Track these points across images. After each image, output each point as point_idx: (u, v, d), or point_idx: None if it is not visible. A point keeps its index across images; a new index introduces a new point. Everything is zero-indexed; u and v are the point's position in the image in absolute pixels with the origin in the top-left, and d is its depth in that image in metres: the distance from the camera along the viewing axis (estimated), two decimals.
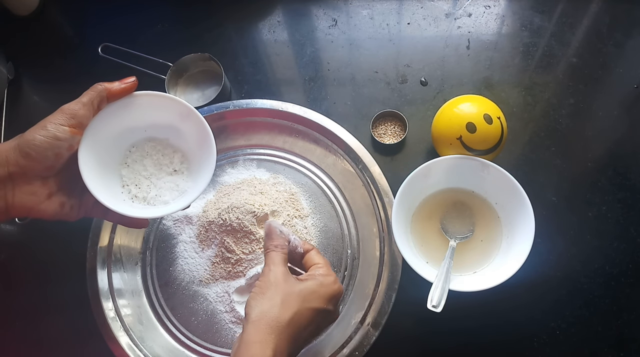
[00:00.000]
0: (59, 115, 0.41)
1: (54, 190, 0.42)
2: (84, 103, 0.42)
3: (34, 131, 0.39)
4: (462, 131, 0.57)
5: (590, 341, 0.59)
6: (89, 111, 0.42)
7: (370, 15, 0.78)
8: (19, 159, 0.39)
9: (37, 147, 0.39)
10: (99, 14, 0.83)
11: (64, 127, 0.40)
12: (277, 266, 0.47)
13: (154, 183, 0.49)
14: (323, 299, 0.47)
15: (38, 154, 0.39)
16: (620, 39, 0.73)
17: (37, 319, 0.65)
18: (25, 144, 0.39)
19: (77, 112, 0.41)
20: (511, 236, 0.58)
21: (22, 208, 0.40)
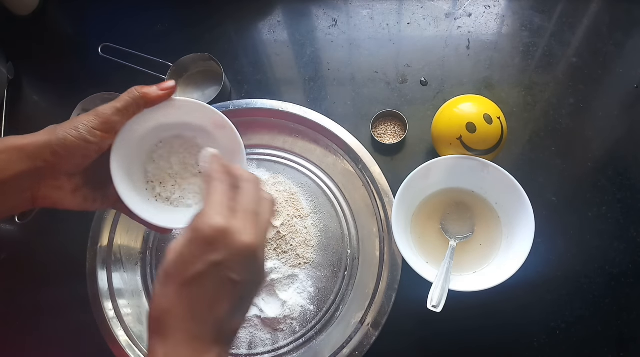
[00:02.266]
0: (93, 118, 0.40)
1: (79, 185, 0.42)
2: (119, 109, 0.41)
3: (66, 129, 0.39)
4: (462, 131, 0.57)
5: (590, 341, 0.59)
6: (122, 118, 0.41)
7: (370, 15, 0.78)
8: (48, 155, 0.39)
9: (66, 148, 0.39)
10: (99, 14, 0.83)
11: (96, 131, 0.40)
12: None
13: (179, 183, 0.48)
14: (194, 259, 0.34)
15: (67, 154, 0.39)
16: (620, 38, 0.73)
17: (37, 319, 0.65)
18: (56, 142, 0.38)
19: (111, 118, 0.40)
20: (511, 236, 0.58)
21: (47, 200, 0.41)
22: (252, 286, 0.37)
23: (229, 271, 0.34)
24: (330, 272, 0.63)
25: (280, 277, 0.61)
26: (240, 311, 0.37)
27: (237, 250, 0.34)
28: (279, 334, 0.61)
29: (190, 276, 0.34)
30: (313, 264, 0.63)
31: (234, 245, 0.34)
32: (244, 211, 0.36)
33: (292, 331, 0.61)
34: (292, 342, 0.61)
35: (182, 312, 0.34)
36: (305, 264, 0.63)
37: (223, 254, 0.34)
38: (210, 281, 0.34)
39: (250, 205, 0.36)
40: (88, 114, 0.40)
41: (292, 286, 0.62)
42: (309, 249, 0.64)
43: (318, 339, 0.61)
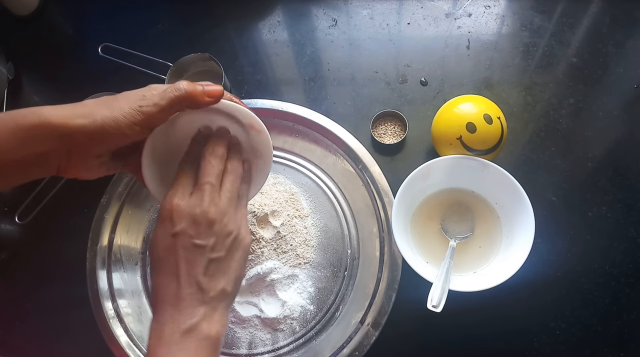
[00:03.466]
0: (136, 113, 0.38)
1: (105, 160, 0.42)
2: (163, 108, 0.39)
3: (105, 118, 0.37)
4: (462, 131, 0.57)
5: (590, 341, 0.59)
6: (164, 116, 0.40)
7: (370, 15, 0.78)
8: (82, 139, 0.38)
9: (103, 137, 0.38)
10: (99, 14, 0.83)
11: (136, 127, 0.39)
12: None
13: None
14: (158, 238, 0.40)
15: (102, 141, 0.39)
16: (620, 39, 0.73)
17: (37, 319, 0.65)
18: (93, 129, 0.37)
19: (154, 116, 0.39)
20: (511, 236, 0.58)
21: (71, 174, 0.41)
22: (224, 248, 0.41)
23: (190, 238, 0.39)
24: (330, 272, 0.63)
25: (280, 277, 0.61)
26: (220, 272, 0.41)
27: (192, 218, 0.39)
28: (279, 334, 0.61)
29: (161, 251, 0.40)
30: (313, 264, 0.63)
31: (189, 215, 0.39)
32: (199, 186, 0.41)
33: (292, 331, 0.61)
34: (292, 342, 0.61)
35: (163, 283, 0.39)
36: (305, 264, 0.63)
37: (180, 225, 0.39)
38: (177, 250, 0.39)
39: (204, 178, 0.41)
40: (131, 104, 0.39)
41: (292, 286, 0.62)
42: (309, 249, 0.64)
43: (318, 339, 0.61)
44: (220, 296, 0.40)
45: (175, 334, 0.37)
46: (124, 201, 0.65)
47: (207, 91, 0.41)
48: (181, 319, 0.38)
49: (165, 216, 0.40)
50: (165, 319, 0.38)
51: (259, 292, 0.62)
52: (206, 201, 0.40)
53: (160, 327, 0.38)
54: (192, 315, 0.38)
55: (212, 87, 0.42)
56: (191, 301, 0.39)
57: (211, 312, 0.39)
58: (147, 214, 0.68)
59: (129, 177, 0.65)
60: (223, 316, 0.41)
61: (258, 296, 0.61)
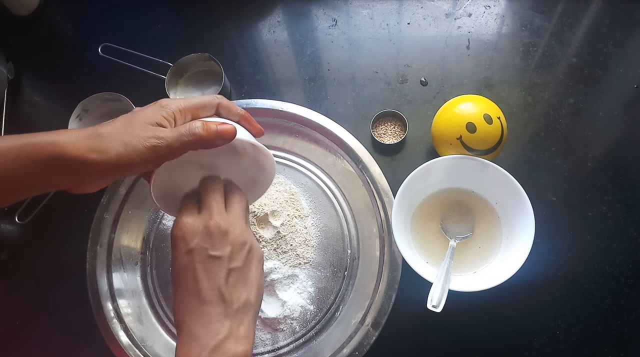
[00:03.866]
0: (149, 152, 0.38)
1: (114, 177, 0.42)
2: (176, 149, 0.39)
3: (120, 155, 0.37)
4: (462, 131, 0.57)
5: (590, 341, 0.59)
6: (176, 156, 0.40)
7: (370, 15, 0.78)
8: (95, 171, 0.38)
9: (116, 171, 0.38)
10: (99, 14, 0.83)
11: (148, 165, 0.39)
12: None
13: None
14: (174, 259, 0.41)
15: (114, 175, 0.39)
16: (620, 39, 0.73)
17: (37, 319, 0.65)
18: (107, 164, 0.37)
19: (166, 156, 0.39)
20: (511, 236, 0.58)
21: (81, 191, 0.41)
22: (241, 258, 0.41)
23: (206, 251, 0.40)
24: (330, 272, 0.63)
25: (280, 277, 0.61)
26: (242, 282, 0.41)
27: (205, 232, 0.40)
28: (279, 334, 0.61)
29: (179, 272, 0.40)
30: (313, 264, 0.63)
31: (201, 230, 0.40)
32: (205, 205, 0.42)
33: (292, 331, 0.61)
34: (292, 342, 0.61)
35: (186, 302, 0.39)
36: (305, 264, 0.63)
37: (195, 241, 0.40)
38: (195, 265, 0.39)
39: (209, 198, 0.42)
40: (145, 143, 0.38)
41: (292, 286, 0.62)
42: (309, 249, 0.64)
43: (318, 339, 0.61)
44: (244, 307, 0.40)
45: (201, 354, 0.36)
46: (124, 201, 0.65)
47: (221, 133, 0.41)
48: (207, 336, 0.37)
49: (177, 237, 0.40)
50: (191, 339, 0.37)
51: None
52: (215, 214, 0.41)
53: (185, 346, 0.37)
54: (217, 331, 0.37)
55: (225, 127, 0.41)
56: (216, 316, 0.38)
57: (237, 326, 0.38)
58: (147, 214, 0.68)
59: (129, 177, 0.65)
60: (249, 329, 0.40)
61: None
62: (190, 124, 0.40)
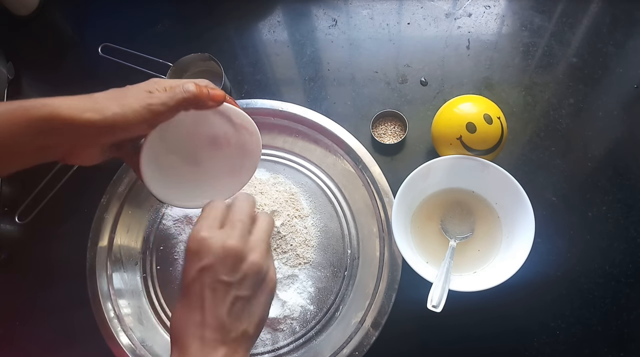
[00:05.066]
0: (144, 110, 0.39)
1: (105, 150, 0.43)
2: (171, 108, 0.40)
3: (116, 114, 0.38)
4: (462, 131, 0.57)
5: (590, 341, 0.59)
6: (171, 116, 0.41)
7: (370, 15, 0.78)
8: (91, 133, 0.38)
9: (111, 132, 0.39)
10: (98, 14, 0.83)
11: (143, 125, 0.40)
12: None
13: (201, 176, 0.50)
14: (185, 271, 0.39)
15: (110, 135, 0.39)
16: (620, 39, 0.73)
17: (37, 319, 0.65)
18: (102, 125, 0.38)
19: (161, 115, 0.40)
20: (511, 236, 0.58)
21: (74, 161, 0.41)
22: (250, 287, 0.39)
23: (217, 274, 0.38)
24: (330, 272, 0.63)
25: (280, 277, 0.61)
26: (245, 312, 0.39)
27: (221, 253, 0.38)
28: (279, 334, 0.61)
29: (186, 286, 0.39)
30: (313, 264, 0.63)
31: (217, 249, 0.38)
32: (231, 222, 0.40)
33: (292, 331, 0.61)
34: (292, 342, 0.61)
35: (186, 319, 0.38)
36: (305, 264, 0.63)
37: (208, 259, 0.38)
38: (203, 285, 0.38)
39: (236, 216, 0.41)
40: (140, 102, 0.39)
41: (292, 286, 0.62)
42: (309, 249, 0.64)
43: (318, 339, 0.61)
44: (241, 338, 0.39)
45: None
46: (124, 201, 0.65)
47: (212, 95, 0.43)
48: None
49: (192, 250, 0.39)
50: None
51: None
52: (236, 236, 0.39)
53: None
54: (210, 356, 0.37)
55: (216, 91, 0.43)
56: (212, 342, 0.37)
57: (231, 354, 0.38)
58: (147, 214, 0.68)
59: (129, 177, 0.65)
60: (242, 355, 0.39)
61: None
62: (184, 84, 0.41)
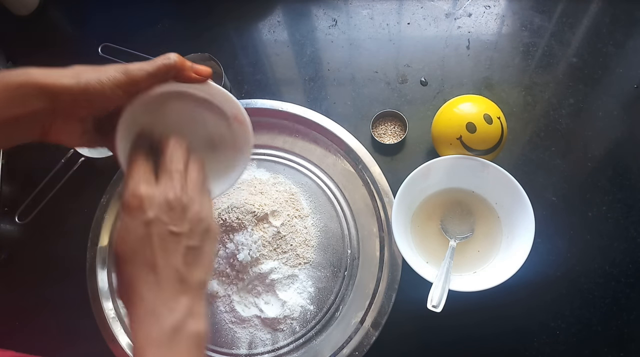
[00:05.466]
0: (120, 75, 0.38)
1: (89, 129, 0.42)
2: (149, 74, 0.39)
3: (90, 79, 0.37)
4: (462, 131, 0.57)
5: (590, 341, 0.59)
6: (149, 82, 0.40)
7: (370, 15, 0.78)
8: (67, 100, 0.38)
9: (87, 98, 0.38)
10: (98, 14, 0.83)
11: (119, 90, 0.38)
12: None
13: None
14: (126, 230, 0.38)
15: (86, 103, 0.38)
16: (620, 39, 0.73)
17: (37, 319, 0.65)
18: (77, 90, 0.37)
19: (138, 81, 0.39)
20: (511, 236, 0.58)
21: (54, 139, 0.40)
22: (198, 236, 0.40)
23: (165, 225, 0.38)
24: (330, 272, 0.63)
25: (280, 277, 0.61)
26: (198, 261, 0.40)
27: (166, 206, 0.38)
28: (279, 334, 0.61)
29: (133, 242, 0.37)
30: (313, 264, 0.63)
31: (161, 202, 0.38)
32: (167, 172, 0.39)
33: (292, 331, 0.61)
34: (292, 342, 0.61)
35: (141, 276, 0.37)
36: (305, 264, 0.63)
37: (153, 211, 0.37)
38: (152, 239, 0.37)
39: (173, 165, 0.40)
40: (117, 68, 0.39)
41: (292, 286, 0.62)
42: (309, 249, 0.64)
43: (318, 339, 0.61)
44: (198, 285, 0.39)
45: (163, 333, 0.36)
46: None
47: (195, 68, 0.41)
48: (164, 313, 0.37)
49: (133, 205, 0.38)
50: (147, 315, 0.37)
51: (259, 292, 0.62)
52: (177, 187, 0.39)
53: (145, 325, 0.37)
54: (174, 309, 0.37)
55: (200, 66, 0.42)
56: (172, 292, 0.38)
57: (193, 304, 0.38)
58: None
59: None
60: (204, 308, 0.40)
61: (258, 296, 0.61)
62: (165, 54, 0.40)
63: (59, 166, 0.69)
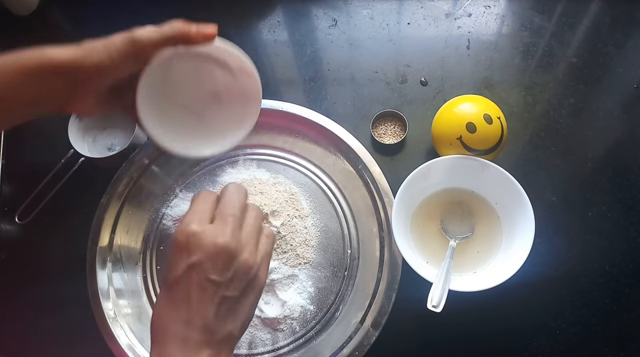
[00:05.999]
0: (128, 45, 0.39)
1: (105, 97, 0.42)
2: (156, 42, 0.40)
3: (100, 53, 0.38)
4: (462, 131, 0.57)
5: (590, 341, 0.59)
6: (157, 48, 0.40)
7: (370, 15, 0.78)
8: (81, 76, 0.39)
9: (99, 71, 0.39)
10: (98, 14, 0.82)
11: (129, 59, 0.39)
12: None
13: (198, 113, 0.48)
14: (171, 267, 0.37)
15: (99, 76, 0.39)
16: (620, 39, 0.73)
17: (37, 319, 0.65)
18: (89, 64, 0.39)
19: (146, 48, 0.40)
20: (511, 235, 0.58)
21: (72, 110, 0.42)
22: (239, 287, 0.38)
23: (206, 272, 0.36)
24: (330, 272, 0.63)
25: (280, 277, 0.61)
26: (232, 313, 0.38)
27: (212, 250, 0.36)
28: (279, 334, 0.61)
29: (173, 281, 0.37)
30: (313, 264, 0.63)
31: (208, 246, 0.36)
32: (222, 216, 0.38)
33: (292, 331, 0.61)
34: (292, 343, 0.61)
35: (170, 316, 0.37)
36: (305, 264, 0.63)
37: (198, 255, 0.36)
38: (190, 283, 0.36)
39: (228, 210, 0.39)
40: (124, 38, 0.39)
41: (292, 286, 0.62)
42: (309, 249, 0.64)
43: (318, 339, 0.61)
44: (226, 339, 0.38)
45: None
46: (124, 201, 0.65)
47: (201, 30, 0.42)
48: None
49: (181, 244, 0.37)
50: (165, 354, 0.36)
51: None
52: (228, 232, 0.37)
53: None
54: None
55: (205, 27, 0.42)
56: (197, 343, 0.36)
57: (215, 356, 0.37)
58: (147, 214, 0.67)
59: (129, 177, 0.65)
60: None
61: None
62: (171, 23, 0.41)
63: (59, 166, 0.69)
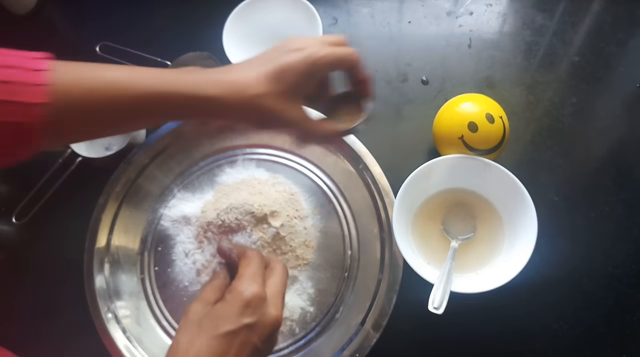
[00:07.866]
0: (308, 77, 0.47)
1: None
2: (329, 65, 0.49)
3: (275, 110, 0.45)
4: (463, 131, 0.57)
5: (592, 342, 0.59)
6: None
7: (371, 13, 0.78)
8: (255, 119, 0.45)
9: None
10: (97, 13, 0.82)
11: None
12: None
13: None
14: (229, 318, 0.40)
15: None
16: (623, 38, 0.73)
17: (35, 319, 0.65)
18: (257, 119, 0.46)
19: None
20: (513, 236, 0.57)
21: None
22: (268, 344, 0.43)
23: (255, 337, 0.40)
24: (331, 273, 0.63)
25: None
26: None
27: (268, 319, 0.41)
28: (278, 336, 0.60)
29: (224, 332, 0.39)
30: (313, 265, 0.63)
31: (266, 314, 0.41)
32: (275, 288, 0.43)
33: (292, 332, 0.61)
34: (291, 344, 0.61)
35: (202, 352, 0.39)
36: (305, 265, 0.62)
37: (256, 319, 0.40)
38: (239, 341, 0.39)
39: (279, 285, 0.44)
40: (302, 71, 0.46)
41: (291, 287, 0.61)
42: (308, 250, 0.63)
43: (318, 341, 0.60)
44: None
45: None
46: (122, 202, 0.65)
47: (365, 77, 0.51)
48: None
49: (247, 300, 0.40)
50: None
51: None
52: (280, 307, 0.43)
53: None
54: None
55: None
56: None
57: None
58: (145, 215, 0.67)
59: (126, 177, 0.65)
60: None
61: None
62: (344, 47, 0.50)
63: (56, 166, 0.68)
